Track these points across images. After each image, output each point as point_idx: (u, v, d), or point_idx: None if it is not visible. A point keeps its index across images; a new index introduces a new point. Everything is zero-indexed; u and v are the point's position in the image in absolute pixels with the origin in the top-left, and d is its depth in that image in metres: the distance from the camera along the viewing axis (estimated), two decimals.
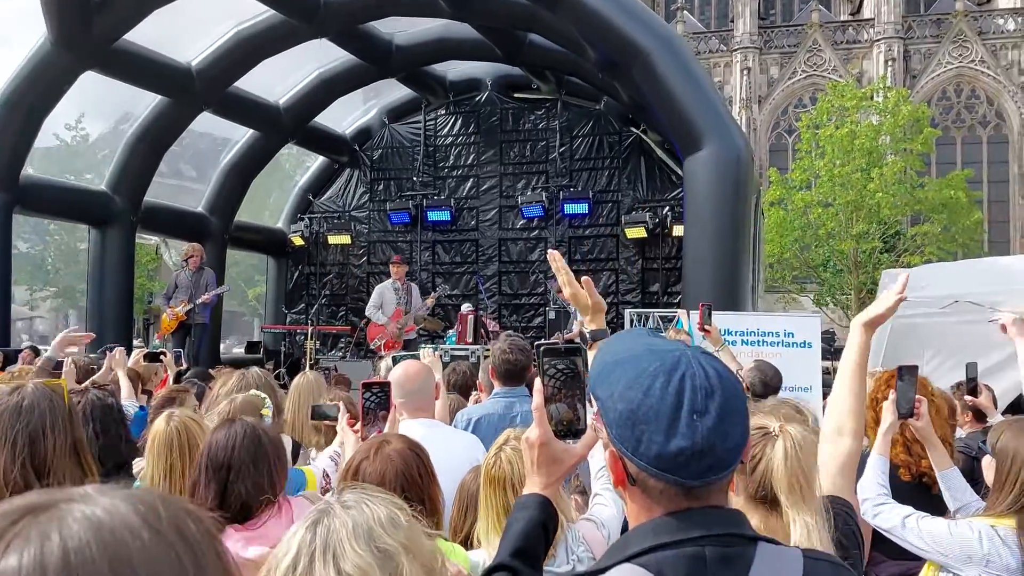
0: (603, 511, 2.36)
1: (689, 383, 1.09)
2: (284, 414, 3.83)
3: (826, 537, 1.68)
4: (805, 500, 1.73)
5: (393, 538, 1.24)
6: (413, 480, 2.03)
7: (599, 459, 2.45)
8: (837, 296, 27.71)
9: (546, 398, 1.40)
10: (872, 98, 28.54)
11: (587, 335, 1.86)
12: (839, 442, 1.99)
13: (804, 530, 1.68)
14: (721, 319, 6.24)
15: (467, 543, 2.34)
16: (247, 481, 2.21)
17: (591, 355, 1.82)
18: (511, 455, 2.25)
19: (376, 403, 2.61)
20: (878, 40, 39.61)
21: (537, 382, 1.41)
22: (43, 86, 9.58)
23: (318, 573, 1.18)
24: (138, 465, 3.15)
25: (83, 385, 3.49)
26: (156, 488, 2.10)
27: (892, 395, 2.86)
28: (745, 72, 40.76)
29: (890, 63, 38.72)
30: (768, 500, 1.79)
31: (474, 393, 5.04)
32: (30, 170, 10.46)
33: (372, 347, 11.05)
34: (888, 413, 2.85)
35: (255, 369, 4.03)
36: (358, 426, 2.68)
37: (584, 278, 1.91)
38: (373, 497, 1.31)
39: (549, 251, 2.00)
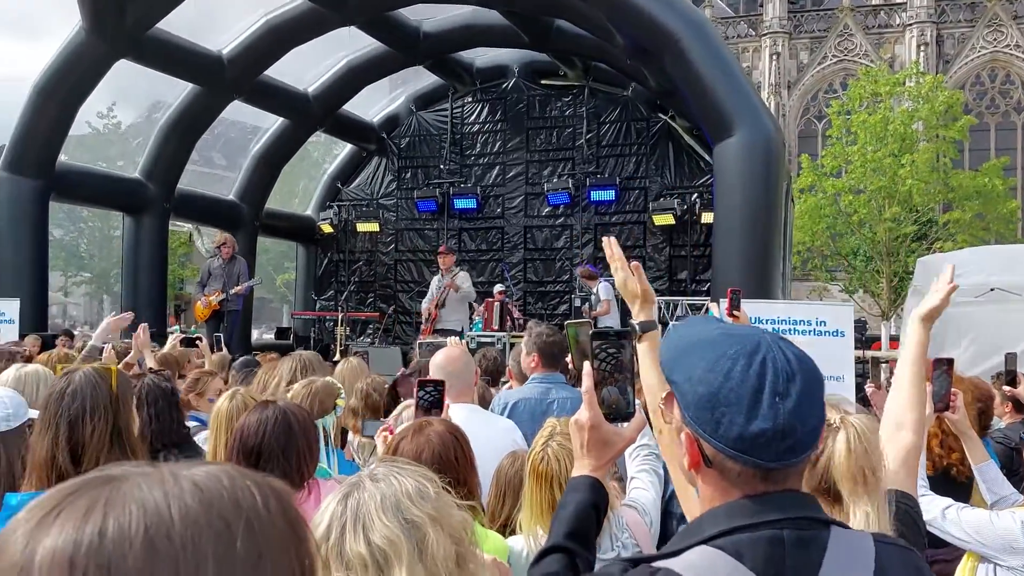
0: (643, 495, 2.35)
1: (771, 366, 1.10)
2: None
3: (887, 528, 1.66)
4: (868, 492, 1.72)
5: (420, 509, 1.27)
6: (449, 462, 2.04)
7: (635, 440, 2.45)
8: (868, 284, 27.33)
9: (596, 381, 1.41)
10: (904, 83, 28.02)
11: (635, 327, 1.81)
12: (899, 437, 1.98)
13: (864, 521, 1.67)
14: (752, 307, 6.18)
15: (505, 529, 2.34)
16: (276, 467, 2.23)
17: (639, 347, 1.82)
18: (558, 451, 2.22)
19: (430, 402, 2.60)
20: (910, 24, 38.86)
21: (586, 365, 1.42)
22: (77, 75, 9.70)
23: (348, 544, 1.24)
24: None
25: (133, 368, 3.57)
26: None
27: (928, 388, 2.83)
28: (774, 57, 40.21)
29: (923, 48, 37.99)
30: (831, 493, 1.78)
31: (504, 381, 5.05)
32: (64, 157, 10.60)
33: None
34: (925, 406, 2.82)
35: (307, 352, 4.09)
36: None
37: (633, 263, 1.89)
38: (402, 470, 1.35)
39: (605, 237, 1.98)
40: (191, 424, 3.42)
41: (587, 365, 1.42)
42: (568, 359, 4.20)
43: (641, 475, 2.43)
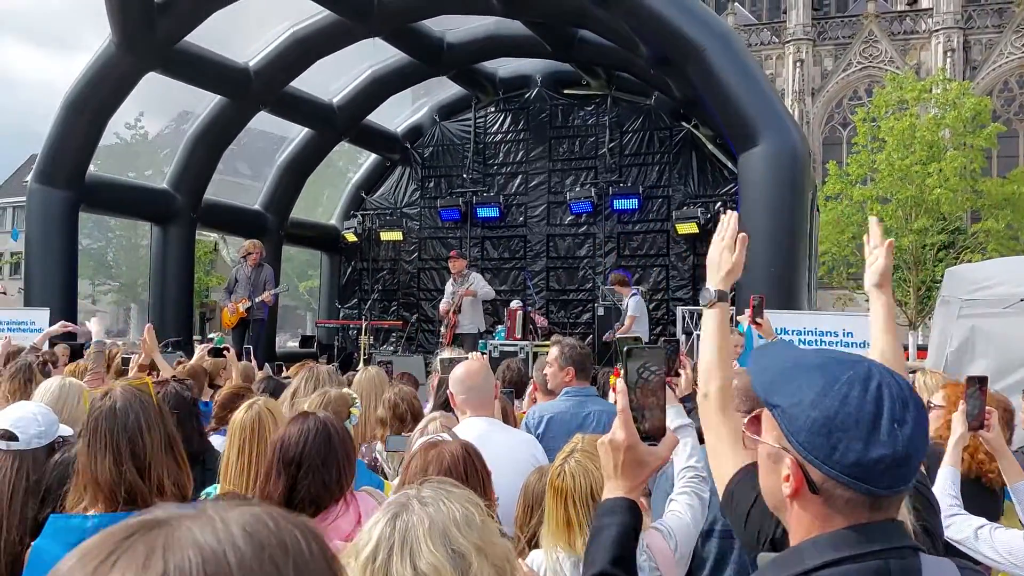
0: (674, 520, 2.31)
1: (887, 392, 1.11)
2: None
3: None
4: None
5: (467, 538, 1.27)
6: (459, 478, 2.05)
7: (681, 460, 2.43)
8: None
9: (630, 401, 1.40)
10: (931, 90, 27.72)
11: (714, 293, 1.87)
12: None
13: None
14: (777, 317, 6.14)
15: (531, 542, 2.34)
16: (316, 478, 2.25)
17: (707, 313, 1.84)
18: (575, 468, 2.21)
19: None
20: (937, 31, 38.49)
21: (620, 382, 1.40)
22: (108, 88, 9.85)
23: (395, 567, 1.23)
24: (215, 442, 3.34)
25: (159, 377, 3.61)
26: (258, 501, 2.14)
27: (962, 406, 2.79)
28: (798, 64, 39.99)
29: (949, 54, 37.61)
30: None
31: (531, 392, 5.05)
32: (93, 168, 10.75)
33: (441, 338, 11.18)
34: (958, 424, 2.79)
35: (323, 366, 4.12)
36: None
37: (741, 235, 1.93)
38: (450, 493, 1.33)
39: (729, 211, 2.00)
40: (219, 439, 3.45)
41: (620, 382, 1.40)
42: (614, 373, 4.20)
43: (681, 498, 2.39)
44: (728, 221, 1.97)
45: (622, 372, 1.42)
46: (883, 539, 1.09)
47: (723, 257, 1.91)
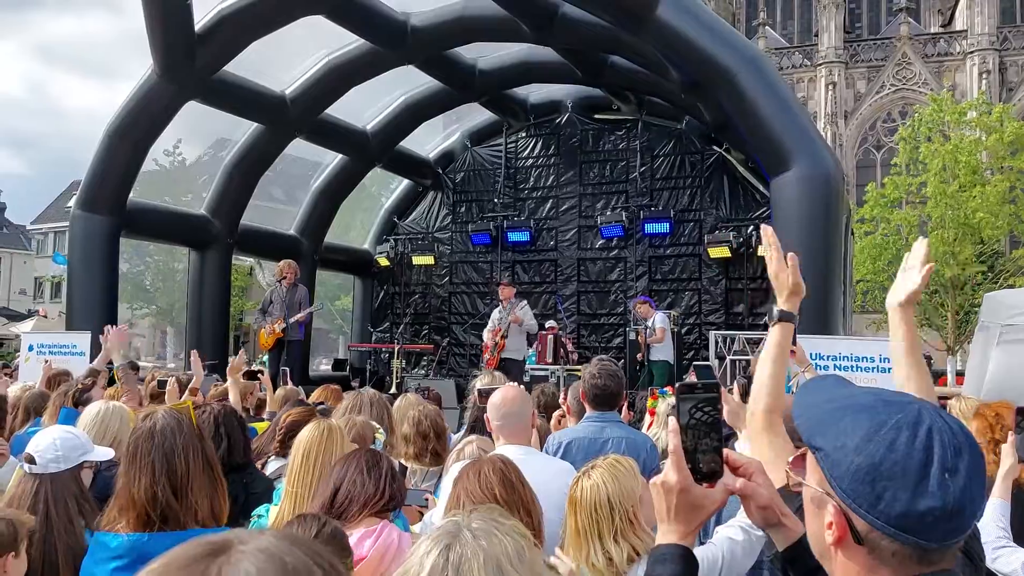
0: (709, 551, 2.30)
1: (938, 438, 1.02)
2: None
3: None
4: None
5: (519, 572, 1.26)
6: (511, 485, 2.10)
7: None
8: (932, 319, 26.52)
9: (683, 440, 1.33)
10: (966, 114, 27.37)
11: (776, 312, 1.88)
12: None
13: None
14: (812, 343, 6.08)
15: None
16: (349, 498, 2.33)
17: (771, 331, 1.83)
18: (585, 482, 2.33)
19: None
20: (971, 52, 38.11)
21: (672, 421, 1.35)
22: (149, 117, 10.10)
23: None
24: (272, 466, 3.47)
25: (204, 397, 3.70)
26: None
27: (1011, 437, 2.76)
28: (830, 87, 39.77)
29: (985, 75, 37.18)
30: None
31: (557, 414, 5.06)
32: (132, 195, 11.00)
33: (481, 364, 11.17)
34: (1008, 455, 2.74)
35: (369, 390, 4.21)
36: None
37: (790, 254, 1.92)
38: (500, 525, 1.32)
39: (763, 226, 2.00)
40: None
41: (673, 421, 1.34)
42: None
43: (728, 530, 2.37)
44: (767, 237, 1.96)
45: (676, 412, 1.36)
46: None
47: (780, 279, 1.90)
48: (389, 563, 2.16)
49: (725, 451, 1.35)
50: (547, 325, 11.68)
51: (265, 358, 11.20)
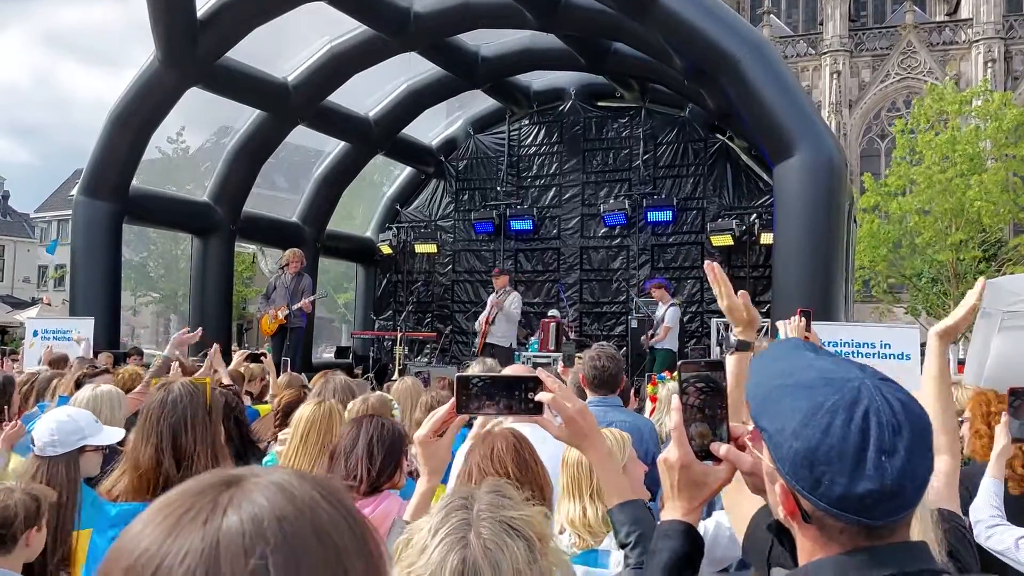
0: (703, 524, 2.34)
1: (874, 420, 1.01)
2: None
3: (932, 541, 1.62)
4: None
5: None
6: (524, 462, 2.10)
7: None
8: (934, 307, 26.49)
9: (686, 418, 1.33)
10: (971, 102, 27.24)
11: (734, 342, 1.88)
12: (936, 461, 1.93)
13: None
14: (814, 329, 6.07)
15: None
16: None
17: (728, 359, 1.84)
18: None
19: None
20: (977, 41, 37.87)
21: (674, 399, 1.35)
22: (151, 103, 10.10)
23: None
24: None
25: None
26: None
27: (1005, 417, 2.77)
28: (835, 76, 39.58)
29: (990, 64, 36.97)
30: None
31: None
32: (136, 182, 11.01)
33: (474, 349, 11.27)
34: (1002, 436, 2.75)
35: (340, 375, 4.19)
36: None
37: (741, 292, 1.93)
38: (510, 532, 1.30)
39: (708, 263, 2.01)
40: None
41: (675, 399, 1.35)
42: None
43: (721, 515, 2.41)
44: (713, 273, 1.94)
45: (678, 389, 1.36)
46: (894, 564, 1.01)
47: (734, 313, 1.89)
48: (386, 534, 2.17)
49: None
50: (549, 313, 11.69)
51: (268, 347, 11.22)
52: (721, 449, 1.31)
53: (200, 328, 6.36)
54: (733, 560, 2.50)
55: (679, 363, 1.39)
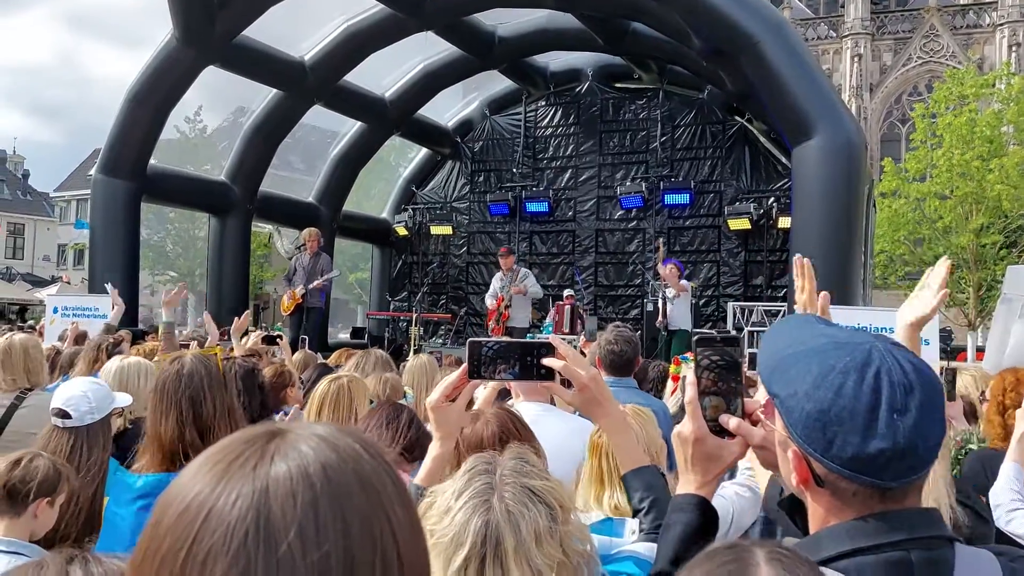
0: (716, 503, 2.32)
1: (886, 379, 1.03)
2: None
3: (945, 495, 1.60)
4: None
5: (551, 548, 1.28)
6: (513, 435, 2.10)
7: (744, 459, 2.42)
8: (954, 294, 26.22)
9: (700, 391, 1.33)
10: (994, 85, 26.80)
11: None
12: None
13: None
14: (833, 313, 6.02)
15: None
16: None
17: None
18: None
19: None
20: (1001, 24, 37.23)
21: (689, 374, 1.35)
22: (169, 81, 10.11)
23: (488, 569, 1.26)
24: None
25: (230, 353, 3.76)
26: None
27: None
28: (856, 59, 39.06)
29: (1014, 48, 36.36)
30: None
31: None
32: (154, 161, 11.06)
33: (489, 331, 11.21)
34: (1022, 420, 2.72)
35: (377, 350, 4.22)
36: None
37: (823, 293, 1.90)
38: (532, 500, 1.31)
39: (797, 256, 1.96)
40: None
41: (690, 373, 1.35)
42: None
43: (733, 486, 2.38)
44: (799, 269, 1.95)
45: (693, 362, 1.36)
46: (906, 528, 1.02)
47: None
48: None
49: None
50: (564, 295, 11.66)
51: (279, 325, 11.29)
52: (732, 422, 1.31)
53: (183, 284, 6.44)
54: (749, 524, 2.49)
55: (694, 339, 1.38)
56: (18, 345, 4.12)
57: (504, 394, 3.49)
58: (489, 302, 11.04)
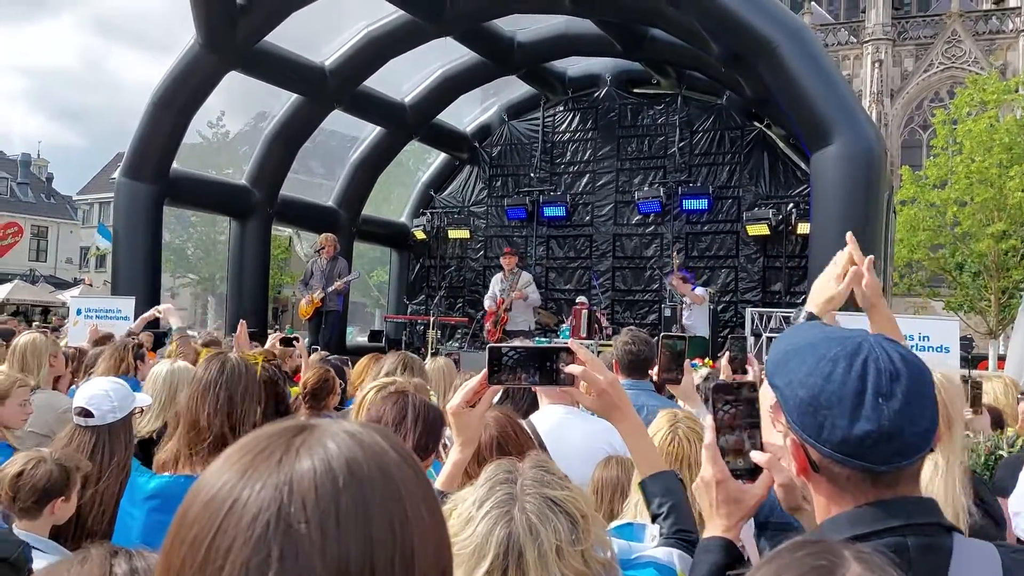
0: None
1: (872, 366, 1.09)
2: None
3: (956, 483, 1.60)
4: (939, 444, 1.64)
5: (573, 560, 1.29)
6: (511, 439, 2.11)
7: None
8: (974, 301, 25.88)
9: (717, 429, 1.37)
10: (1017, 91, 26.49)
11: (803, 313, 1.80)
12: None
13: (931, 470, 1.61)
14: (850, 321, 5.98)
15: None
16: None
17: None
18: (688, 432, 2.27)
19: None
20: None
21: (708, 419, 1.39)
22: (191, 86, 10.23)
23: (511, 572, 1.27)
24: None
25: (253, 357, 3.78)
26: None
27: None
28: (877, 65, 38.77)
29: None
30: None
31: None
32: (176, 165, 11.18)
33: (483, 334, 11.24)
34: None
35: (409, 353, 4.23)
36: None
37: (854, 269, 1.81)
38: (553, 509, 1.32)
39: (849, 234, 1.87)
40: None
41: (708, 419, 1.39)
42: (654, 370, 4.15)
43: None
44: (845, 252, 1.85)
45: (710, 409, 1.39)
46: (902, 515, 1.07)
47: (828, 285, 1.83)
48: None
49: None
50: (578, 300, 11.65)
51: (290, 328, 11.36)
52: (759, 457, 1.34)
53: (172, 298, 6.47)
54: None
55: (714, 384, 1.40)
56: (20, 346, 4.20)
57: (533, 402, 3.49)
58: (488, 304, 11.06)
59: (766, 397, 1.60)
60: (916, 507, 1.09)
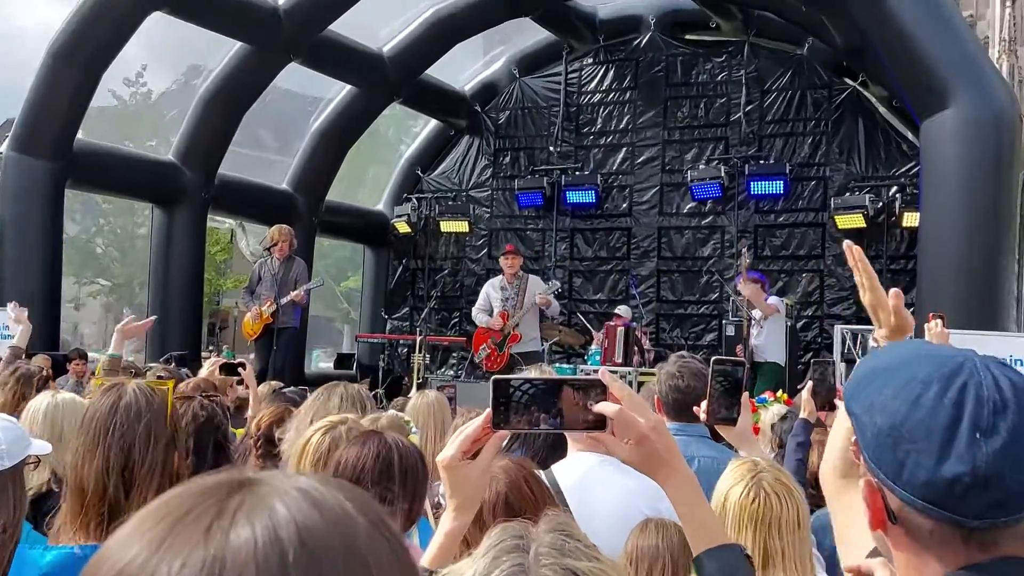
0: None
1: (973, 392, 1.09)
2: None
3: None
4: None
5: None
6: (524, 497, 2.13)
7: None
8: None
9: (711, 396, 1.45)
10: None
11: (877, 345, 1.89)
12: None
13: None
14: (976, 341, 5.96)
15: None
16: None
17: None
18: (775, 485, 2.35)
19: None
20: None
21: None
22: (103, 32, 10.29)
23: None
24: None
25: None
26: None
27: None
28: (1008, 5, 38.79)
29: None
30: None
31: None
32: (82, 135, 11.21)
33: (476, 361, 11.16)
34: None
35: (350, 385, 4.18)
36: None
37: (894, 291, 1.91)
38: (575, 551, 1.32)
39: (847, 243, 1.98)
40: None
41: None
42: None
43: None
44: (853, 257, 1.94)
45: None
46: None
47: (879, 315, 1.89)
48: None
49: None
50: (615, 313, 11.64)
51: (228, 351, 11.36)
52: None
53: (154, 317, 6.45)
54: None
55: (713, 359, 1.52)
56: None
57: (555, 445, 3.50)
58: (482, 318, 10.96)
59: (840, 432, 1.61)
60: (1021, 571, 1.09)
